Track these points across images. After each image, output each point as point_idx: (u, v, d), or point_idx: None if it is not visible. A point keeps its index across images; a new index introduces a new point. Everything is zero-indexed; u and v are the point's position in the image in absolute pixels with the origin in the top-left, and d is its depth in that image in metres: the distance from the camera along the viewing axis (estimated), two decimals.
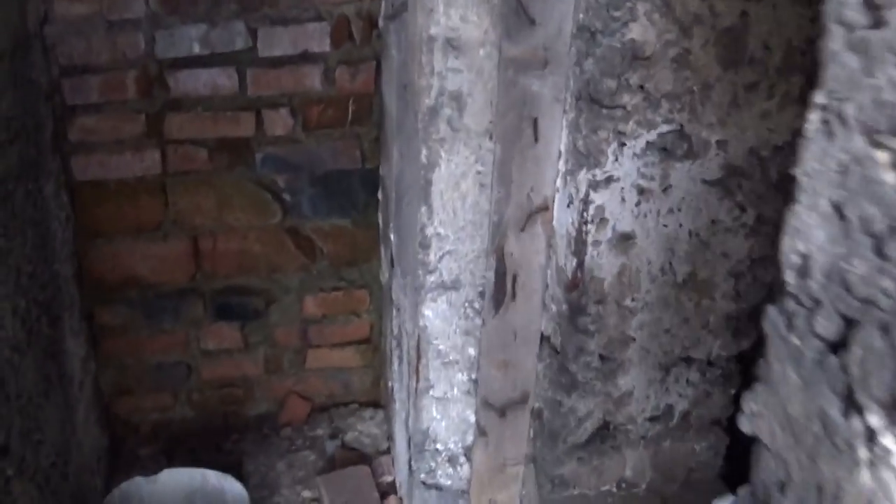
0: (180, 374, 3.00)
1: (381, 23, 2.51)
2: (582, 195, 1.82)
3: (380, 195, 2.74)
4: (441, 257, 2.05)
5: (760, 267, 1.94)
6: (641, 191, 1.82)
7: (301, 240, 2.80)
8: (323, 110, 2.61)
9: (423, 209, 1.99)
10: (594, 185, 1.81)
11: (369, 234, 2.82)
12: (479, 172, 1.97)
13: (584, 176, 1.81)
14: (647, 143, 1.78)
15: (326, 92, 2.60)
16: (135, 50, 2.46)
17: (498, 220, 1.93)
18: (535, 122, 1.85)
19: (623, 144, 1.77)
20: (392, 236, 2.54)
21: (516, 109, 1.84)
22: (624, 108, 1.74)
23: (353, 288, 2.92)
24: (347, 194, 2.75)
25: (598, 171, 1.80)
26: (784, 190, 1.86)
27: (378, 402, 3.18)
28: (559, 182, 1.92)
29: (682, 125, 1.77)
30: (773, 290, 1.92)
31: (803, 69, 1.78)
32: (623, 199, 1.82)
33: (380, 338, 3.02)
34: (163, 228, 2.70)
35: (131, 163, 2.58)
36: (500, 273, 1.98)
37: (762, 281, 1.95)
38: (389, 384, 2.90)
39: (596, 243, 1.86)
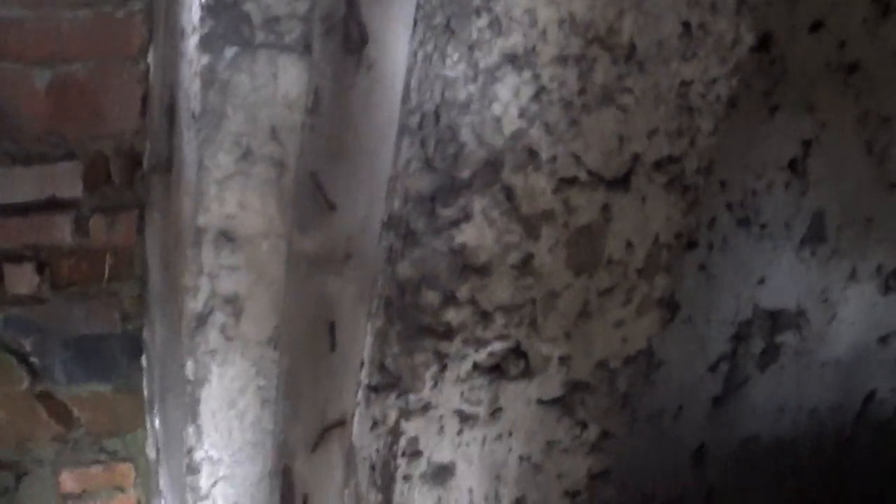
0: None
1: (145, 164, 2.03)
2: (391, 424, 1.40)
3: (143, 361, 2.34)
4: (214, 483, 1.60)
5: (600, 482, 1.60)
6: (465, 418, 1.42)
7: (55, 407, 2.45)
8: (75, 265, 2.25)
9: (191, 429, 1.55)
10: (406, 414, 1.39)
11: (133, 402, 2.50)
12: (260, 387, 1.54)
13: (393, 402, 1.39)
14: (475, 364, 1.38)
15: (79, 244, 2.24)
16: None
17: (284, 439, 1.48)
18: (331, 328, 1.41)
19: (445, 368, 1.36)
20: (157, 424, 2.10)
21: (309, 313, 1.40)
22: (448, 325, 1.33)
23: (116, 461, 2.59)
24: (107, 358, 2.43)
25: (411, 398, 1.38)
26: (632, 403, 1.53)
27: None
28: (361, 396, 1.48)
29: (518, 342, 1.39)
30: None
31: (668, 268, 1.43)
32: (442, 429, 1.42)
33: None
34: None
35: None
36: (288, 498, 1.54)
37: (601, 497, 1.62)
38: None
39: (406, 478, 1.45)
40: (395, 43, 1.41)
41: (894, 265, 1.98)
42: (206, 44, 1.63)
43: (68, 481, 2.57)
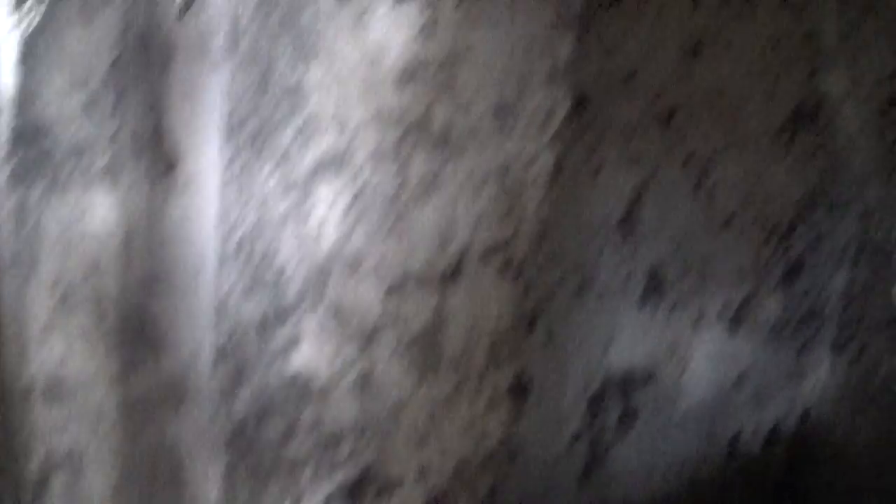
0: None
1: None
2: None
3: None
4: None
5: None
6: None
7: None
8: None
9: None
10: None
11: None
12: None
13: None
14: (329, 495, 1.31)
15: None
16: None
17: None
18: (176, 475, 1.32)
19: (298, 502, 1.30)
20: None
21: (151, 460, 1.30)
22: (295, 457, 1.27)
23: None
24: None
25: None
26: (497, 499, 1.49)
27: None
28: None
29: (369, 463, 1.33)
30: None
31: (512, 354, 1.41)
32: None
33: None
34: None
35: None
36: None
37: None
38: None
39: None
40: (207, 161, 1.35)
41: (737, 303, 2.01)
42: (13, 181, 1.54)
43: None
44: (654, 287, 1.85)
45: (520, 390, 1.49)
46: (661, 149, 1.70)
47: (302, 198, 1.23)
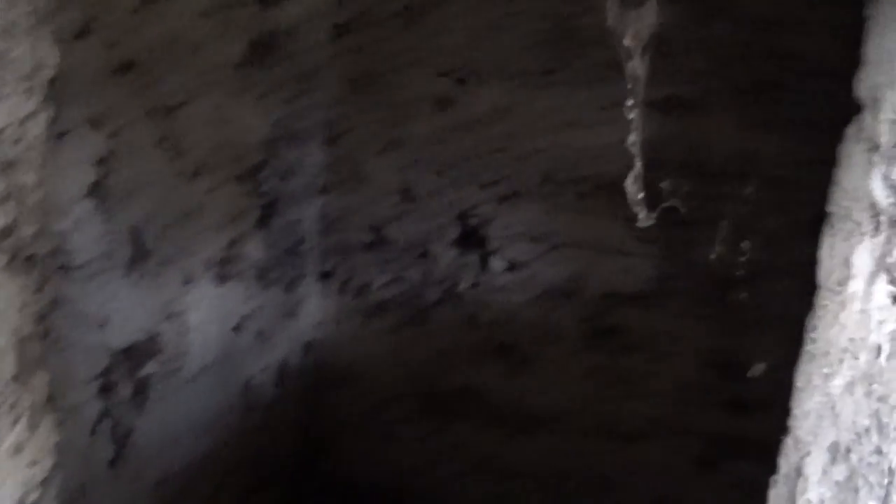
0: None
1: None
2: None
3: None
4: None
5: None
6: None
7: None
8: None
9: None
10: None
11: None
12: None
13: None
14: None
15: None
16: None
17: None
18: None
19: None
20: None
21: None
22: None
23: None
24: None
25: None
26: None
27: None
28: None
29: None
30: None
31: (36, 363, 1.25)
32: None
33: None
34: None
35: None
36: None
37: None
38: None
39: None
40: None
41: (221, 253, 2.00)
42: None
43: None
44: (138, 252, 1.76)
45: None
46: (123, 107, 1.60)
47: None
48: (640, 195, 2.08)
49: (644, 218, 2.02)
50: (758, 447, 2.21)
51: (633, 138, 2.05)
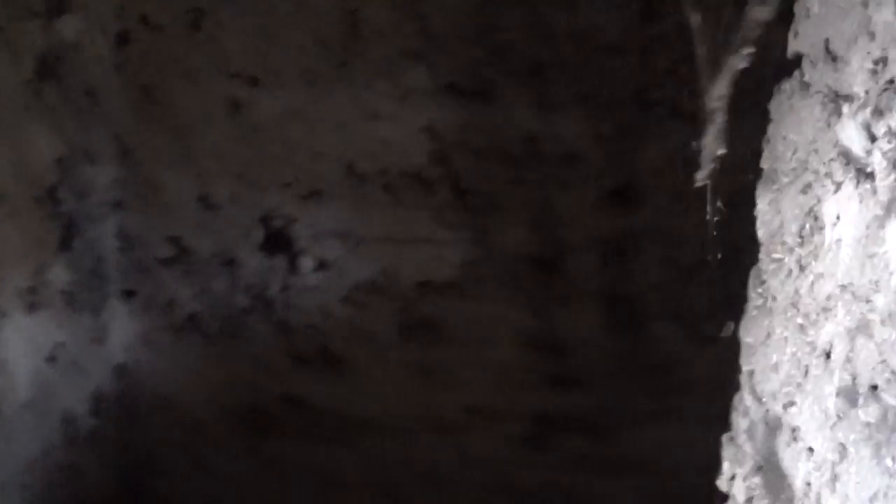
0: None
1: None
2: None
3: None
4: None
5: None
6: None
7: None
8: None
9: None
10: None
11: None
12: None
13: None
14: None
15: None
16: None
17: None
18: None
19: None
20: None
21: None
22: None
23: None
24: None
25: None
26: None
27: None
28: None
29: None
30: None
31: None
32: None
33: None
34: None
35: None
36: None
37: None
38: None
39: None
40: None
41: (27, 281, 1.87)
42: None
43: None
44: None
45: None
46: None
47: None
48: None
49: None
50: (584, 421, 2.27)
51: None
